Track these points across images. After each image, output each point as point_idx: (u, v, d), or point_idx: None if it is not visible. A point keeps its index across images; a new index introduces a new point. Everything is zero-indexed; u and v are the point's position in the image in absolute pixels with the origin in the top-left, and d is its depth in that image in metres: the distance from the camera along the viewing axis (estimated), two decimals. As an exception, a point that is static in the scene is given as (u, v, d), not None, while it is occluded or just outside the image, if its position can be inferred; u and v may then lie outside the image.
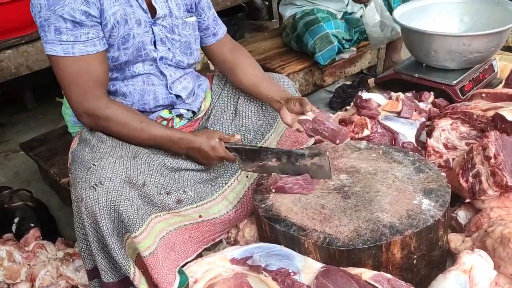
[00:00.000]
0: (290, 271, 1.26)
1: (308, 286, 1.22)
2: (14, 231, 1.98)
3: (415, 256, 1.34)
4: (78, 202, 1.31)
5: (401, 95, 2.16)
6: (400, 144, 1.93)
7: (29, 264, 1.75)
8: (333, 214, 1.40)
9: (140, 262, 1.40)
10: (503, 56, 2.72)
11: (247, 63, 1.71)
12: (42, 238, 1.94)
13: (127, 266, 1.33)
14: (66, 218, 2.24)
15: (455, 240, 1.51)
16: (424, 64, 2.42)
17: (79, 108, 1.39)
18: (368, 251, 1.28)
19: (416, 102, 2.18)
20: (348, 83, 3.10)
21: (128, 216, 1.29)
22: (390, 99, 2.16)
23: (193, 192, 1.53)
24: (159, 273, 1.34)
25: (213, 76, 1.87)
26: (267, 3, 4.83)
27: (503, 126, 1.79)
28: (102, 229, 1.29)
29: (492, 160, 1.52)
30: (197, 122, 1.73)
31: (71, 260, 1.76)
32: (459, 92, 2.25)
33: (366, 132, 1.94)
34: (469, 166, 1.59)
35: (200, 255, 1.57)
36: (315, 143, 1.86)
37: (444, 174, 1.53)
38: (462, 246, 1.47)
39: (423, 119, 2.08)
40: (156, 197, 1.41)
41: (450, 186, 1.47)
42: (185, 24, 1.58)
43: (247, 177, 1.69)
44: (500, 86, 2.40)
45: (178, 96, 1.61)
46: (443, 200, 1.40)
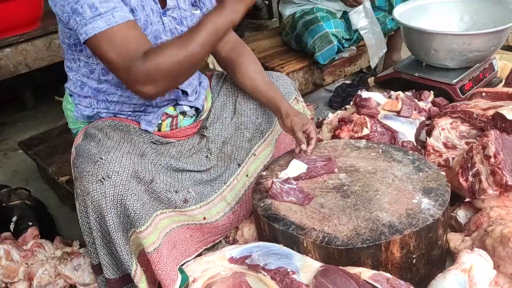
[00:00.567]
0: (289, 270, 1.26)
1: (307, 286, 1.22)
2: (12, 230, 1.97)
3: (414, 256, 1.34)
4: (84, 196, 1.30)
5: (401, 94, 2.16)
6: (400, 143, 1.93)
7: (27, 263, 1.75)
8: (332, 213, 1.39)
9: (141, 259, 1.39)
10: (503, 55, 2.71)
11: (248, 64, 1.69)
12: (40, 237, 1.93)
13: (130, 263, 1.32)
14: (64, 216, 2.23)
15: (454, 239, 1.50)
16: (424, 63, 2.42)
17: (134, 82, 1.25)
18: (367, 250, 1.27)
19: (416, 101, 2.18)
20: (348, 82, 3.10)
21: (134, 210, 1.29)
22: (390, 98, 2.16)
23: (194, 192, 1.54)
24: (162, 269, 1.34)
25: (212, 75, 1.86)
26: (267, 2, 4.83)
27: (503, 125, 1.79)
28: (108, 223, 1.28)
29: (492, 159, 1.51)
30: (200, 123, 1.72)
31: (69, 259, 1.75)
32: (459, 91, 2.25)
33: (366, 131, 1.93)
34: (469, 165, 1.59)
35: (199, 255, 1.57)
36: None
37: (443, 173, 1.52)
38: (462, 245, 1.47)
39: (423, 118, 2.08)
40: (164, 194, 1.41)
41: (449, 185, 1.47)
42: (193, 16, 1.58)
43: (247, 176, 1.69)
44: (500, 85, 2.40)
45: (183, 91, 1.60)
46: (443, 199, 1.39)
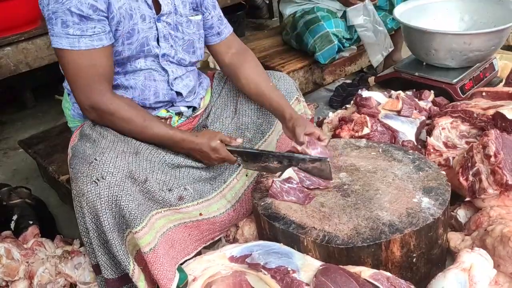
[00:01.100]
0: (289, 269, 1.25)
1: (307, 284, 1.22)
2: (13, 229, 1.97)
3: (414, 255, 1.34)
4: (79, 197, 1.30)
5: (401, 93, 2.16)
6: (400, 143, 1.93)
7: (27, 262, 1.75)
8: (332, 212, 1.39)
9: (139, 259, 1.39)
10: (504, 55, 2.72)
11: (252, 70, 1.68)
12: (40, 235, 1.93)
13: (127, 263, 1.32)
14: (64, 215, 2.24)
15: (454, 238, 1.50)
16: (424, 63, 2.43)
17: (85, 102, 1.39)
18: (368, 249, 1.27)
19: (416, 100, 2.18)
20: (348, 81, 3.10)
21: (129, 211, 1.29)
22: (390, 97, 2.16)
23: (192, 189, 1.53)
24: (159, 269, 1.34)
25: (213, 75, 1.86)
26: (268, 1, 4.83)
27: (503, 124, 1.79)
28: (103, 224, 1.28)
29: (492, 159, 1.51)
30: (196, 119, 1.72)
31: (70, 257, 1.75)
32: (459, 90, 2.25)
33: (366, 130, 1.93)
34: (469, 164, 1.59)
35: (199, 253, 1.57)
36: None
37: (444, 173, 1.52)
38: (462, 244, 1.47)
39: (423, 118, 2.08)
40: (158, 193, 1.41)
41: (449, 184, 1.47)
42: (189, 22, 1.58)
43: (247, 175, 1.69)
44: (501, 85, 2.41)
45: (178, 93, 1.60)
46: (443, 199, 1.39)
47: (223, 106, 1.75)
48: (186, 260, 1.48)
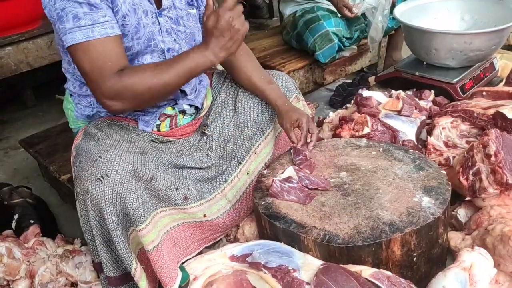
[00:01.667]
0: (290, 268, 1.26)
1: (308, 283, 1.22)
2: (14, 228, 1.98)
3: (415, 254, 1.34)
4: (83, 195, 1.30)
5: (401, 93, 2.16)
6: (401, 142, 1.93)
7: (28, 261, 1.75)
8: (333, 212, 1.40)
9: (142, 257, 1.40)
10: (504, 54, 2.72)
11: (245, 61, 1.70)
12: (41, 235, 1.93)
13: (130, 261, 1.32)
14: (65, 215, 2.24)
15: (455, 238, 1.51)
16: (424, 62, 2.43)
17: (102, 95, 1.31)
18: (368, 248, 1.28)
19: (417, 100, 2.18)
20: (349, 81, 3.10)
21: (133, 209, 1.29)
22: (391, 97, 2.16)
23: (195, 190, 1.54)
24: (162, 267, 1.34)
25: (212, 73, 1.86)
26: (268, 1, 4.83)
27: (504, 124, 1.79)
28: (107, 222, 1.28)
29: (493, 158, 1.52)
30: (200, 120, 1.73)
31: (71, 257, 1.76)
32: (459, 90, 2.25)
33: (366, 130, 1.94)
34: (469, 164, 1.59)
35: (200, 253, 1.58)
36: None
37: (444, 172, 1.53)
38: (462, 244, 1.47)
39: (424, 117, 2.08)
40: (164, 191, 1.42)
41: (450, 183, 1.47)
42: (189, 15, 1.58)
43: (248, 174, 1.69)
44: (501, 84, 2.41)
45: (181, 91, 1.60)
46: (443, 198, 1.39)
47: (223, 104, 1.76)
48: (187, 260, 1.48)
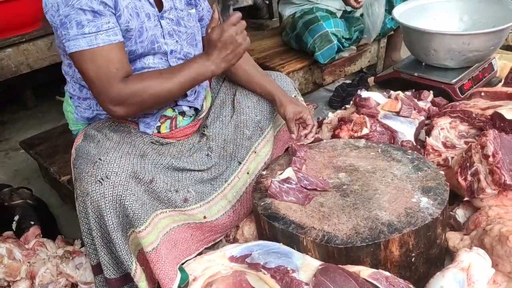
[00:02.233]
0: (288, 268, 1.26)
1: (306, 284, 1.22)
2: (14, 229, 1.98)
3: (413, 254, 1.35)
4: (83, 197, 1.31)
5: (400, 94, 2.17)
6: (399, 143, 1.94)
7: (29, 262, 1.76)
8: (331, 212, 1.40)
9: (141, 259, 1.40)
10: (503, 55, 2.72)
11: (243, 60, 1.66)
12: (42, 236, 1.94)
13: (129, 262, 1.33)
14: (66, 216, 2.25)
15: (453, 238, 1.51)
16: (423, 63, 2.43)
17: (108, 101, 1.33)
18: (367, 249, 1.28)
19: (416, 100, 2.19)
20: (348, 81, 3.10)
21: (133, 210, 1.30)
22: (390, 98, 2.17)
23: (194, 191, 1.55)
24: (161, 269, 1.35)
25: (211, 75, 1.87)
26: (267, 2, 4.83)
27: (502, 124, 1.80)
28: (107, 223, 1.29)
29: (491, 159, 1.52)
30: (199, 121, 1.73)
31: (71, 257, 1.76)
32: (458, 91, 2.26)
33: (365, 130, 1.94)
34: (467, 164, 1.60)
35: (200, 254, 1.58)
36: (314, 142, 1.86)
37: (442, 172, 1.53)
38: (461, 244, 1.48)
39: (422, 118, 2.09)
40: (164, 193, 1.42)
41: (448, 184, 1.47)
42: (189, 15, 1.59)
43: (248, 173, 1.70)
44: (500, 85, 2.41)
45: None
46: (442, 198, 1.40)
47: (221, 105, 1.76)
48: (186, 260, 1.49)
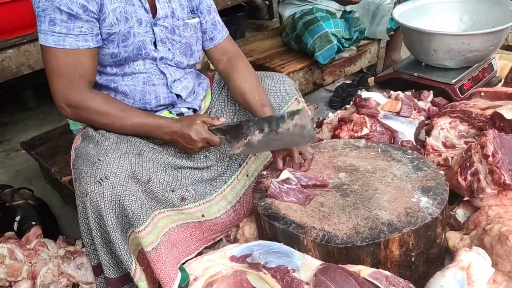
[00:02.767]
0: (289, 268, 1.27)
1: (307, 283, 1.23)
2: (16, 229, 1.99)
3: (413, 254, 1.35)
4: (83, 197, 1.31)
5: (400, 94, 2.17)
6: (399, 143, 1.94)
7: (30, 262, 1.76)
8: (332, 212, 1.41)
9: (141, 259, 1.41)
10: (503, 55, 2.72)
11: (240, 79, 1.65)
12: (43, 236, 1.94)
13: (129, 262, 1.33)
14: (67, 216, 2.25)
15: (453, 238, 1.52)
16: (423, 63, 2.44)
17: (61, 100, 1.41)
18: (367, 248, 1.29)
19: (416, 101, 2.19)
20: (348, 82, 3.11)
21: (132, 211, 1.30)
22: (390, 98, 2.17)
23: (194, 190, 1.55)
24: (161, 269, 1.35)
25: (213, 76, 1.87)
26: (268, 2, 4.84)
27: (502, 124, 1.80)
28: (107, 223, 1.30)
29: (490, 159, 1.52)
30: None
31: (72, 258, 1.77)
32: (458, 91, 2.26)
33: (365, 130, 1.94)
34: (467, 164, 1.60)
35: (200, 253, 1.59)
36: (314, 142, 1.86)
37: (442, 172, 1.54)
38: (460, 243, 1.48)
39: (422, 118, 2.09)
40: (161, 193, 1.43)
41: (448, 184, 1.48)
42: (186, 25, 1.59)
43: (247, 175, 1.70)
44: (499, 85, 2.41)
45: (178, 95, 1.62)
46: (441, 198, 1.40)
47: (223, 107, 1.77)
48: (187, 260, 1.49)
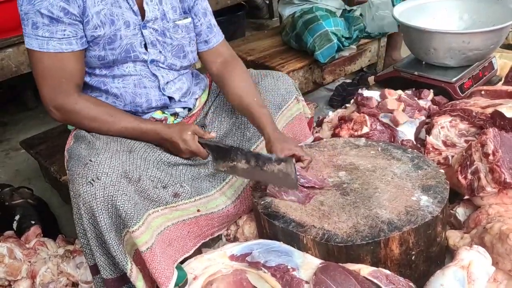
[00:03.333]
0: (289, 267, 1.26)
1: (307, 282, 1.23)
2: (15, 229, 1.99)
3: (413, 252, 1.35)
4: (76, 198, 1.31)
5: (402, 94, 2.17)
6: (399, 142, 1.94)
7: (29, 261, 1.76)
8: (331, 211, 1.40)
9: (137, 258, 1.40)
10: (503, 54, 2.72)
11: (236, 83, 1.62)
12: (42, 235, 1.94)
13: (125, 262, 1.33)
14: (66, 215, 2.25)
15: (453, 236, 1.51)
16: (423, 62, 2.43)
17: (49, 103, 1.42)
18: (367, 247, 1.28)
19: (416, 99, 2.19)
20: (348, 81, 3.10)
21: (125, 211, 1.30)
22: (385, 97, 2.14)
23: (190, 186, 1.54)
24: (156, 268, 1.34)
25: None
26: (267, 1, 4.84)
27: (502, 123, 1.80)
28: (100, 224, 1.29)
29: (491, 157, 1.52)
30: (192, 119, 1.72)
31: (72, 257, 1.77)
32: (458, 89, 2.26)
33: (365, 129, 1.94)
34: (468, 163, 1.60)
35: (199, 252, 1.58)
36: (314, 141, 1.87)
37: (442, 171, 1.53)
38: (461, 242, 1.48)
39: (423, 117, 2.09)
40: (152, 191, 1.42)
41: (448, 182, 1.48)
42: (176, 27, 1.57)
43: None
44: (500, 83, 2.41)
45: (170, 98, 1.60)
46: (441, 197, 1.40)
47: (222, 105, 1.76)
48: (186, 259, 1.49)
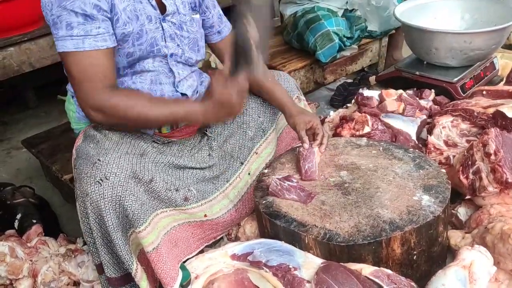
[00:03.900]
0: (290, 266, 1.27)
1: (308, 282, 1.23)
2: (17, 227, 1.99)
3: (415, 252, 1.35)
4: (83, 197, 1.31)
5: (403, 93, 2.17)
6: (401, 141, 1.94)
7: (31, 260, 1.76)
8: (333, 210, 1.41)
9: (142, 258, 1.41)
10: (505, 54, 2.72)
11: None
12: (44, 234, 1.94)
13: (130, 262, 1.33)
14: (68, 214, 2.25)
15: (455, 236, 1.51)
16: (425, 62, 2.43)
17: (87, 104, 1.35)
18: (368, 246, 1.29)
19: (417, 99, 2.19)
20: (349, 81, 3.10)
21: (132, 211, 1.30)
22: (383, 99, 2.13)
23: (196, 190, 1.55)
24: (162, 268, 1.35)
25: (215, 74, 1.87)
26: (269, 1, 4.83)
27: (504, 123, 1.80)
28: (107, 224, 1.30)
29: (492, 157, 1.52)
30: None
31: (73, 256, 1.77)
32: (460, 89, 2.26)
33: (367, 129, 1.94)
34: (469, 163, 1.60)
35: (201, 251, 1.58)
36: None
37: (444, 171, 1.53)
38: (462, 242, 1.48)
39: (424, 117, 2.09)
40: (164, 192, 1.42)
41: (450, 182, 1.47)
42: (192, 21, 1.59)
43: (249, 174, 1.70)
44: (501, 83, 2.41)
45: (183, 94, 1.61)
46: (443, 196, 1.40)
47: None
48: (188, 259, 1.49)
